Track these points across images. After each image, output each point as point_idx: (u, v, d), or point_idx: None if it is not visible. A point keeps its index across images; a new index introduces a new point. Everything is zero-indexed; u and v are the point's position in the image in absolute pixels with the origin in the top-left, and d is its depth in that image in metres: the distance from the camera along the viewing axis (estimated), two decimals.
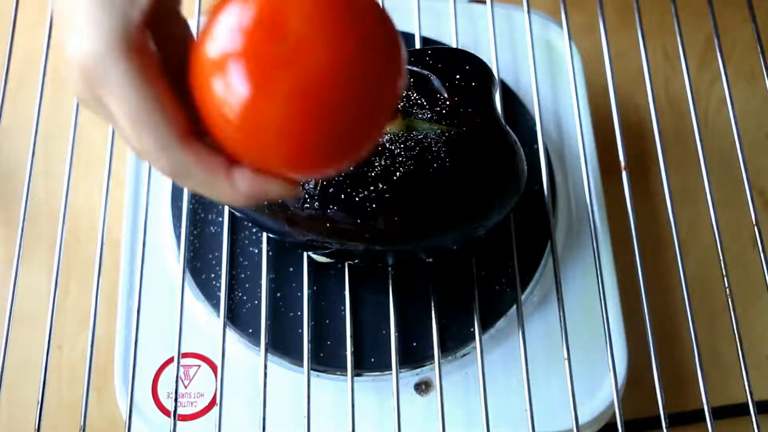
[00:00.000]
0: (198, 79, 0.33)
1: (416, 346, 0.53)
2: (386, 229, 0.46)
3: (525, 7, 0.62)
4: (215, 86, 0.32)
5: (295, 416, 0.51)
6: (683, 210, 0.70)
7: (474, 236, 0.49)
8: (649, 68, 0.60)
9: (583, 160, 0.57)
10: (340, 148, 0.35)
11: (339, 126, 0.34)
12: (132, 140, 0.32)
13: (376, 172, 0.45)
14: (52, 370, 0.54)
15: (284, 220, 0.48)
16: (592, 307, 0.55)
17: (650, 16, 0.63)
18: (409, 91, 0.48)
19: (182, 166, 0.32)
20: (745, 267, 0.67)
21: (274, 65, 0.32)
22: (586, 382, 0.53)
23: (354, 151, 0.36)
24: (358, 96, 0.34)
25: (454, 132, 0.47)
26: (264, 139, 0.33)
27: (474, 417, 0.52)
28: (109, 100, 0.31)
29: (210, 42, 0.32)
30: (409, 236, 0.47)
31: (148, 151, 0.32)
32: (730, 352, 0.52)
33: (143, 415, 0.52)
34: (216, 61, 0.32)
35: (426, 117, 0.47)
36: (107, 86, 0.31)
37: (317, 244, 0.49)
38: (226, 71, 0.32)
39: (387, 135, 0.46)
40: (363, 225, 0.46)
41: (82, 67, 0.31)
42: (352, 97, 0.34)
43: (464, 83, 0.48)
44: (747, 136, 0.58)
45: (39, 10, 0.62)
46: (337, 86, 0.33)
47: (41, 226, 0.67)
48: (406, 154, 0.46)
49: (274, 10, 0.33)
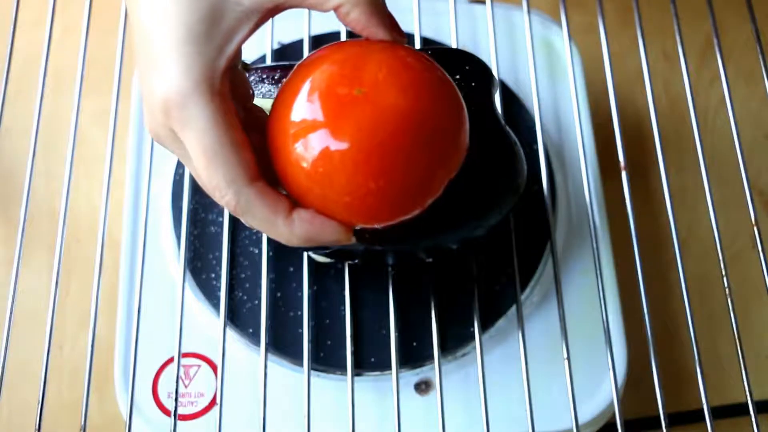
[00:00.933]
0: (277, 128, 0.37)
1: (416, 345, 0.53)
2: (386, 229, 0.46)
3: (525, 7, 0.62)
4: (294, 140, 0.36)
5: (295, 416, 0.51)
6: (683, 210, 0.70)
7: (474, 236, 0.49)
8: (649, 68, 0.60)
9: (582, 160, 0.57)
10: (403, 199, 0.38)
11: (405, 177, 0.37)
12: (203, 175, 0.34)
13: None
14: (53, 370, 0.54)
15: None
16: (591, 307, 0.55)
17: (650, 16, 0.63)
18: None
19: (246, 203, 0.35)
20: (745, 267, 0.67)
21: (347, 112, 0.36)
22: (586, 381, 0.53)
23: (415, 205, 0.39)
24: (425, 146, 0.37)
25: None
26: (332, 188, 0.36)
27: (474, 417, 0.52)
28: (188, 135, 0.33)
29: (294, 103, 0.36)
30: (409, 236, 0.47)
31: (217, 186, 0.34)
32: (730, 352, 0.53)
33: (143, 414, 0.53)
34: (298, 122, 0.36)
35: None
36: (189, 123, 0.33)
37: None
38: (307, 135, 0.36)
39: None
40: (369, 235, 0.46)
41: (168, 102, 0.33)
42: (419, 146, 0.36)
43: (464, 83, 0.48)
44: (746, 137, 0.58)
45: (39, 10, 0.62)
46: (407, 132, 0.36)
47: (41, 226, 0.67)
48: None
49: (353, 69, 0.36)
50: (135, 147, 0.59)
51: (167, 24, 0.33)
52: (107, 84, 0.59)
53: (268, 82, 0.49)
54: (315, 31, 0.61)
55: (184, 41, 0.33)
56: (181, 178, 0.57)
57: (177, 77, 0.33)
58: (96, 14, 0.61)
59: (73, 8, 0.66)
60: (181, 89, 0.33)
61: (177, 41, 0.33)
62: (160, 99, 0.33)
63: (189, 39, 0.33)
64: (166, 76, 0.33)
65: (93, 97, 0.61)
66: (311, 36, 0.60)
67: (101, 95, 0.60)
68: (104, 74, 0.61)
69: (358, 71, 0.37)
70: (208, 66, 0.33)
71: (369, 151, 0.36)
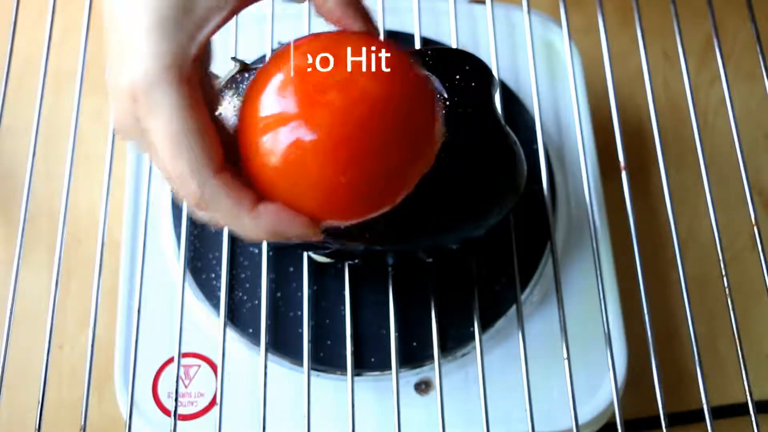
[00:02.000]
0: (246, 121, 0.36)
1: (416, 345, 0.53)
2: (386, 229, 0.46)
3: (525, 7, 0.62)
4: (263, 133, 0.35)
5: (295, 416, 0.51)
6: (683, 210, 0.70)
7: (473, 236, 0.49)
8: (649, 68, 0.60)
9: (582, 160, 0.57)
10: (373, 194, 0.37)
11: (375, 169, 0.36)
12: (167, 163, 0.33)
13: None
14: (53, 370, 0.53)
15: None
16: (591, 307, 0.55)
17: (650, 16, 0.63)
18: None
19: (211, 194, 0.34)
20: (745, 267, 0.67)
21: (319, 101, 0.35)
22: (586, 381, 0.53)
23: (385, 201, 0.38)
24: (396, 137, 0.36)
25: (454, 132, 0.47)
26: (301, 182, 0.35)
27: (474, 417, 0.52)
28: (153, 122, 0.32)
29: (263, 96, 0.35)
30: (409, 236, 0.47)
31: (180, 175, 0.33)
32: (730, 352, 0.52)
33: (144, 414, 0.53)
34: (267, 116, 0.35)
35: None
36: (156, 108, 0.32)
37: (317, 244, 0.49)
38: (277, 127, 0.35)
39: None
40: (363, 225, 0.46)
41: (135, 87, 0.32)
42: (390, 137, 0.35)
43: (464, 83, 0.48)
44: (746, 136, 0.58)
45: (39, 10, 0.62)
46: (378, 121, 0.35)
47: (41, 226, 0.67)
48: None
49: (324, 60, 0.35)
50: (135, 147, 0.59)
51: (138, 10, 0.33)
52: None
53: None
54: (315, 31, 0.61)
55: (155, 26, 0.32)
56: None
57: (145, 62, 0.32)
58: (96, 14, 0.61)
59: (72, 8, 0.65)
60: (149, 74, 0.32)
61: (148, 27, 0.33)
62: (128, 84, 0.32)
63: (159, 24, 0.33)
64: (134, 62, 0.32)
65: (93, 96, 0.61)
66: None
67: (101, 95, 0.60)
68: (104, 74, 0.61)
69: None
70: (178, 51, 0.33)
71: (339, 142, 0.35)
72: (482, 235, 0.50)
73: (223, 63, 0.52)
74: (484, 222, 0.48)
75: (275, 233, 0.36)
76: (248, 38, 0.60)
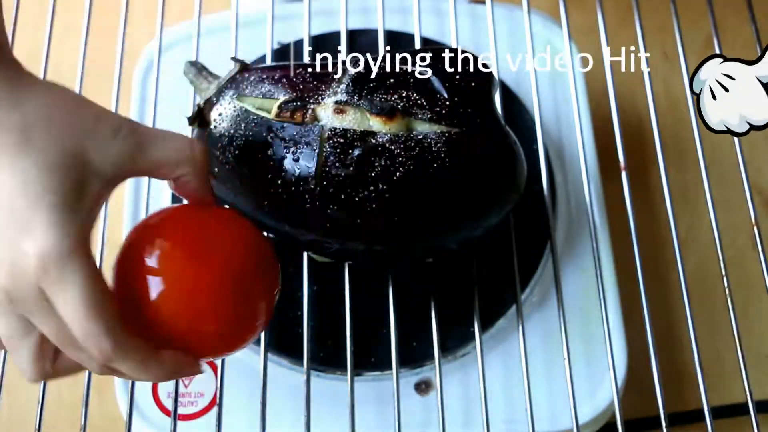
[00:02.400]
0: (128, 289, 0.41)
1: (416, 346, 0.53)
2: (386, 229, 0.46)
3: (525, 7, 0.62)
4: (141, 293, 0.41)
5: (295, 416, 0.51)
6: (683, 210, 0.70)
7: (473, 236, 0.49)
8: (649, 68, 0.60)
9: (582, 160, 0.57)
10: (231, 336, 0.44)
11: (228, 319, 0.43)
12: (82, 326, 0.36)
13: (376, 172, 0.45)
14: None
15: (284, 221, 0.48)
16: (591, 307, 0.55)
17: (650, 16, 0.63)
18: (409, 92, 0.48)
19: (123, 348, 0.37)
20: (745, 267, 0.67)
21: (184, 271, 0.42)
22: (586, 381, 0.53)
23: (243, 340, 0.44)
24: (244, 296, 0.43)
25: (454, 132, 0.47)
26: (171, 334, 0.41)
27: (474, 417, 0.52)
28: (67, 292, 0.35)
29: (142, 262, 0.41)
30: (409, 236, 0.47)
31: (95, 335, 0.36)
32: (730, 352, 0.52)
33: (143, 414, 0.53)
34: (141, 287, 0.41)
35: (426, 117, 0.47)
36: (69, 280, 0.35)
37: (317, 244, 0.49)
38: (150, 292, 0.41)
39: (387, 135, 0.46)
40: (363, 225, 0.46)
41: (47, 261, 0.35)
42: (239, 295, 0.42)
43: (464, 83, 0.48)
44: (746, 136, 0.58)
45: (39, 9, 0.62)
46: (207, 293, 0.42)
47: None
48: (405, 155, 0.46)
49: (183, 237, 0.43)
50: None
51: (36, 190, 0.35)
52: (107, 83, 0.59)
53: (268, 83, 0.49)
54: (315, 32, 0.61)
55: (58, 207, 0.35)
56: None
57: (54, 239, 0.35)
58: (96, 14, 0.61)
59: (73, 8, 0.65)
60: (61, 249, 0.35)
61: (49, 206, 0.35)
62: (37, 259, 0.35)
63: (61, 205, 0.36)
64: (40, 238, 0.35)
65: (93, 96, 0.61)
66: (311, 36, 0.60)
67: (101, 94, 0.60)
68: (104, 74, 0.61)
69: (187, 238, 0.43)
70: (81, 229, 0.36)
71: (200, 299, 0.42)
72: (482, 235, 0.50)
73: (224, 63, 0.52)
74: (485, 222, 0.48)
75: (175, 374, 0.42)
76: (248, 38, 0.60)
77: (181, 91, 0.60)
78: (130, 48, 0.61)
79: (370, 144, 0.46)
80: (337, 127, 0.46)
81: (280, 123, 0.47)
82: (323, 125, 0.46)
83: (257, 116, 0.48)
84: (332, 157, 0.45)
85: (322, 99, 0.47)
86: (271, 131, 0.47)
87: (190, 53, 0.59)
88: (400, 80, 0.48)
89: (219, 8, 0.64)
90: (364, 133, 0.46)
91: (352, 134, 0.46)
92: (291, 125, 0.47)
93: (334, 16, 0.61)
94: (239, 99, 0.49)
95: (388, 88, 0.48)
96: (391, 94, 0.47)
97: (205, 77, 0.52)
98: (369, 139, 0.46)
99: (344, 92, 0.47)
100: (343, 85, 0.48)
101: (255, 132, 0.47)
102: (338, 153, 0.45)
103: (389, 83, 0.48)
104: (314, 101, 0.47)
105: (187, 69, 0.52)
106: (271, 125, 0.47)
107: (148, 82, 0.62)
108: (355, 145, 0.45)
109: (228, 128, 0.48)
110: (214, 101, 0.50)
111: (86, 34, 0.60)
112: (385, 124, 0.46)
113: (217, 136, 0.49)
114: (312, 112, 0.47)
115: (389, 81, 0.48)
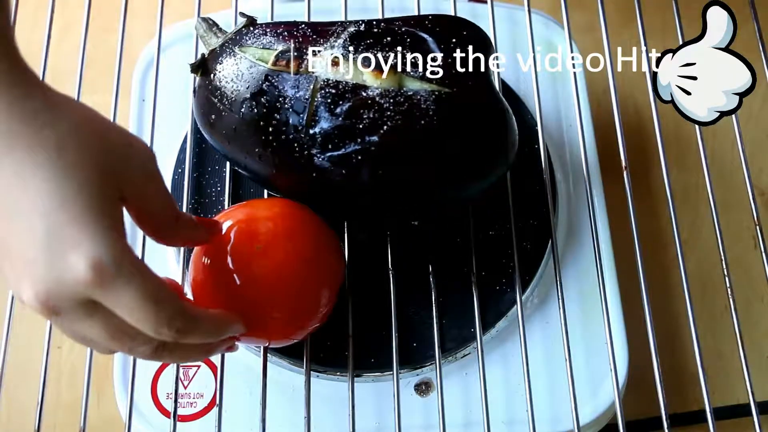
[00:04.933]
0: (199, 277, 0.47)
1: (416, 346, 0.53)
2: (370, 182, 0.46)
3: (526, 6, 0.62)
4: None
5: (295, 416, 0.51)
6: (684, 210, 0.70)
7: (456, 198, 0.49)
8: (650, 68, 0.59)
9: (583, 159, 0.57)
10: (297, 324, 0.48)
11: (296, 308, 0.47)
12: (150, 317, 0.38)
13: (364, 124, 0.46)
14: (52, 371, 0.53)
15: (274, 167, 0.49)
16: (592, 307, 0.55)
17: (651, 15, 0.63)
18: (404, 50, 0.48)
19: (193, 319, 0.40)
20: (746, 267, 0.67)
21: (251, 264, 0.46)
22: (587, 382, 0.53)
23: (307, 327, 0.48)
24: (311, 285, 0.47)
25: (444, 92, 0.47)
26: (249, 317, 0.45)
27: (474, 417, 0.52)
28: (125, 295, 0.37)
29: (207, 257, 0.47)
30: (392, 191, 0.47)
31: (167, 319, 0.38)
32: (732, 353, 0.52)
33: (143, 415, 0.52)
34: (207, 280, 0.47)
35: (418, 75, 0.48)
36: (125, 282, 0.37)
37: (303, 194, 0.50)
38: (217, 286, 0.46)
39: (378, 89, 0.47)
40: (348, 176, 0.46)
41: (100, 270, 0.37)
42: (308, 284, 0.47)
43: (460, 48, 0.49)
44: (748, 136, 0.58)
45: (39, 9, 0.62)
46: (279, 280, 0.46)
47: None
48: (394, 109, 0.46)
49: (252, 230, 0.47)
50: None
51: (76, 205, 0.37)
52: (107, 82, 0.59)
53: (270, 35, 0.50)
54: None
55: (100, 219, 0.37)
56: (180, 178, 0.57)
57: (106, 248, 0.37)
58: (95, 13, 0.61)
59: (71, 7, 0.65)
60: (114, 256, 0.37)
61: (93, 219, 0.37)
62: (90, 270, 0.36)
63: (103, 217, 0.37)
64: (91, 249, 0.36)
65: (92, 95, 0.61)
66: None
67: (101, 93, 0.60)
68: (103, 72, 0.61)
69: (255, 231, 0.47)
70: (123, 235, 0.39)
71: (269, 291, 0.46)
72: (465, 201, 0.50)
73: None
74: (467, 184, 0.48)
75: (242, 337, 0.46)
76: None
77: (180, 90, 0.60)
78: (130, 47, 0.61)
79: (361, 96, 0.46)
80: (330, 78, 0.47)
81: (276, 72, 0.48)
82: (317, 76, 0.47)
83: (256, 65, 0.49)
84: (323, 107, 0.46)
85: (319, 52, 0.48)
86: (267, 80, 0.48)
87: (189, 52, 0.59)
88: (397, 39, 0.49)
89: (219, 8, 0.64)
90: (355, 86, 0.47)
91: (344, 86, 0.47)
92: (287, 75, 0.48)
93: (334, 16, 0.60)
94: (241, 49, 0.50)
95: (384, 46, 0.48)
96: (387, 51, 0.48)
97: (214, 33, 0.53)
98: (360, 91, 0.47)
99: (341, 46, 0.48)
100: (340, 40, 0.49)
101: (252, 80, 0.48)
102: (329, 103, 0.46)
103: (386, 41, 0.49)
104: (312, 54, 0.48)
105: (198, 25, 0.54)
106: (267, 74, 0.48)
107: (148, 81, 0.62)
108: (345, 97, 0.46)
109: (227, 76, 0.49)
110: (218, 52, 0.51)
111: (85, 33, 0.60)
112: (376, 78, 0.47)
113: (217, 83, 0.50)
114: (307, 63, 0.48)
115: (386, 39, 0.49)
